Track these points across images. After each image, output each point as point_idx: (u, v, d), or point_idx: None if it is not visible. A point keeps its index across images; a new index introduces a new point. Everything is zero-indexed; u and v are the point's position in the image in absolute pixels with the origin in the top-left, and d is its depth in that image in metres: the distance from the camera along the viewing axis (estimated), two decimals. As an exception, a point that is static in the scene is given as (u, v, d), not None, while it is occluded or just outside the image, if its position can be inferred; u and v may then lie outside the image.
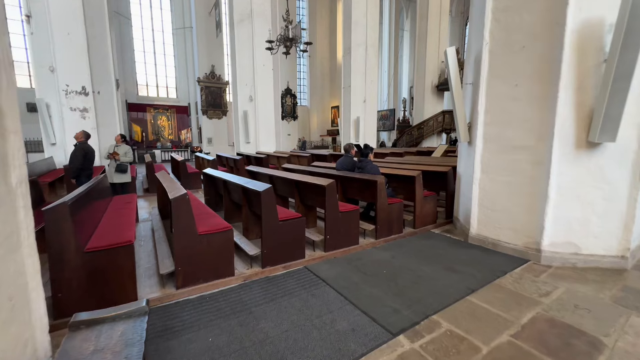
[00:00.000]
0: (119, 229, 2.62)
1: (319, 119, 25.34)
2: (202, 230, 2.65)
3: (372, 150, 4.36)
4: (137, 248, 3.70)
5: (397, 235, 4.09)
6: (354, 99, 14.34)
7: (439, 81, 18.25)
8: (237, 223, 4.59)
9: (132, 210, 3.66)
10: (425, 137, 18.33)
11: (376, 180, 3.80)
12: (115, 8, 16.86)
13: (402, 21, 25.66)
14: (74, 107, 8.75)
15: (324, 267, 3.20)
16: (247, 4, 11.26)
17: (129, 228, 2.66)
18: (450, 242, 3.98)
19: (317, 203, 3.85)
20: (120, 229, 2.64)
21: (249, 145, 11.77)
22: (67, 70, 8.57)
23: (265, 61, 11.73)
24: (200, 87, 17.70)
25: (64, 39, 8.48)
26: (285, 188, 4.61)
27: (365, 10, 14.07)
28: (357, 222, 3.68)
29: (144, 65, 19.09)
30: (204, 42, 17.52)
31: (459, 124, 4.05)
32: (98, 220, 2.97)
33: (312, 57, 24.12)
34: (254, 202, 3.49)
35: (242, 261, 3.20)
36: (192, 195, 4.49)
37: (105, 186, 4.20)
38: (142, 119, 18.71)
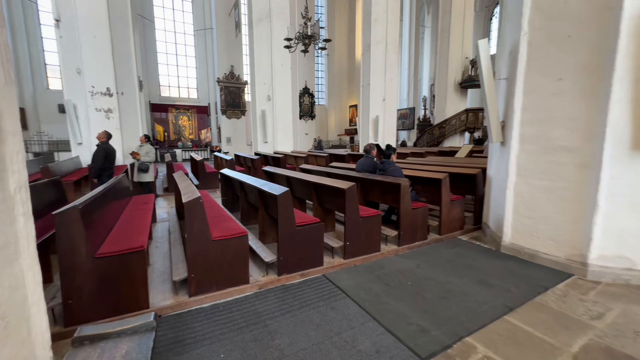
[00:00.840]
0: (132, 233, 2.54)
1: (336, 118, 25.11)
2: (216, 235, 2.53)
3: (394, 151, 4.11)
4: (153, 250, 3.65)
5: (421, 242, 3.82)
6: (373, 97, 14.00)
7: (462, 78, 17.54)
8: (253, 225, 4.48)
9: (149, 212, 3.61)
10: (447, 137, 17.68)
11: (399, 183, 3.55)
12: (140, 11, 17.38)
13: (422, 17, 24.96)
14: (99, 108, 9.00)
15: (343, 276, 3.01)
16: (266, 4, 11.21)
17: (142, 232, 2.57)
18: (481, 251, 3.67)
19: (336, 206, 3.65)
20: (133, 233, 2.56)
21: (267, 145, 11.74)
22: (93, 72, 8.82)
23: (284, 60, 11.65)
24: (220, 87, 17.92)
25: (90, 42, 8.74)
26: (303, 190, 4.44)
27: (385, 7, 13.71)
28: (378, 227, 3.46)
29: (166, 66, 19.58)
30: (224, 42, 17.73)
31: (491, 122, 3.73)
32: (113, 222, 2.92)
33: (330, 56, 23.92)
34: (271, 205, 3.34)
35: (258, 267, 3.06)
36: (208, 197, 4.43)
37: (124, 186, 4.20)
38: (164, 119, 19.19)
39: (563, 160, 3.07)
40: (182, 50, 20.00)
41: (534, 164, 3.30)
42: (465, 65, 17.53)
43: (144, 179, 5.95)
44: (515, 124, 3.42)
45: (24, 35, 15.73)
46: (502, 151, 3.77)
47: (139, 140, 6.02)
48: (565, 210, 3.08)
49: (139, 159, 5.72)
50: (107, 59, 9.00)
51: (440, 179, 3.93)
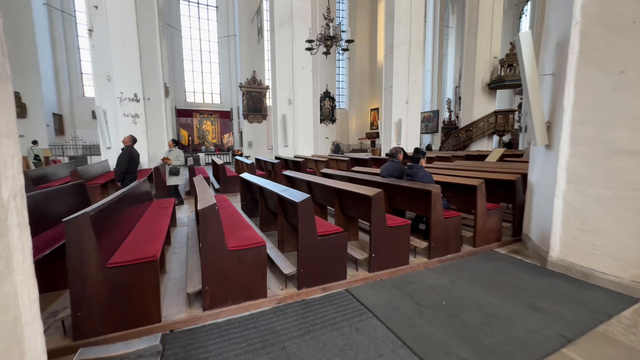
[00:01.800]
0: (146, 241, 2.42)
1: (357, 121, 24.80)
2: (232, 245, 2.36)
3: (423, 155, 3.80)
4: (171, 256, 3.56)
5: (454, 255, 3.48)
6: (395, 100, 13.63)
7: (491, 79, 16.71)
8: (272, 232, 4.31)
9: (167, 217, 3.53)
10: (475, 140, 16.88)
11: (430, 190, 3.25)
12: (168, 21, 18.04)
13: (447, 18, 24.24)
14: (126, 113, 9.29)
15: (368, 291, 2.74)
16: (288, 8, 11.22)
17: (157, 240, 2.45)
18: (523, 267, 3.27)
19: (361, 214, 3.40)
20: (147, 240, 2.44)
21: (287, 149, 11.66)
22: (121, 78, 9.14)
23: (305, 64, 11.58)
24: (242, 92, 18.20)
25: (120, 50, 9.06)
26: (324, 196, 4.23)
27: (409, 7, 13.36)
28: (407, 238, 3.16)
29: (192, 73, 20.18)
30: (246, 48, 18.01)
31: (535, 123, 3.34)
32: (130, 228, 2.83)
33: (351, 59, 23.73)
34: (290, 212, 3.15)
35: (276, 279, 2.87)
36: (227, 202, 4.32)
37: (144, 191, 4.18)
38: (189, 124, 19.74)
39: (626, 165, 2.65)
40: (206, 57, 20.57)
41: (588, 169, 2.89)
42: (494, 65, 16.71)
43: (175, 182, 6.18)
44: (565, 125, 3.03)
45: (63, 46, 16.75)
46: (548, 155, 3.37)
47: (167, 145, 6.31)
48: (629, 224, 2.65)
49: (170, 164, 5.95)
50: (135, 66, 9.30)
51: (475, 185, 3.58)
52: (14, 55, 13.63)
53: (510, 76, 15.59)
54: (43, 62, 14.70)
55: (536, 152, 3.72)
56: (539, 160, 3.64)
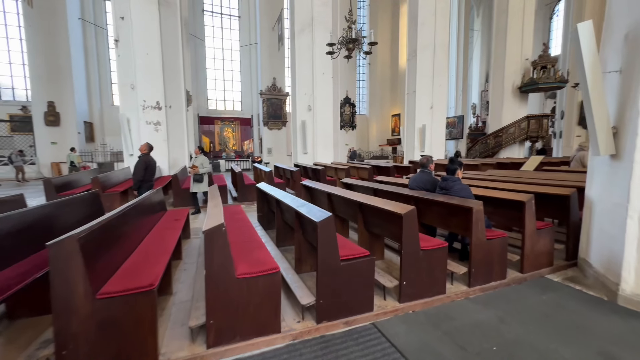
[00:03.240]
0: (147, 264, 2.15)
1: (378, 128, 24.29)
2: (242, 271, 2.04)
3: (460, 166, 3.35)
4: (180, 273, 3.31)
5: (498, 282, 2.99)
6: (419, 105, 13.09)
7: (523, 82, 15.74)
8: (289, 247, 3.99)
9: (177, 231, 3.30)
10: (504, 147, 15.89)
11: (471, 207, 2.80)
12: (192, 31, 18.54)
13: (471, 21, 23.44)
14: (149, 121, 9.40)
15: (400, 328, 2.33)
16: (308, 14, 11.09)
17: (159, 261, 2.18)
18: (587, 301, 2.72)
19: (388, 233, 3.00)
20: (149, 263, 2.17)
21: (306, 156, 11.40)
22: (144, 87, 9.28)
23: (325, 69, 11.36)
24: (262, 99, 18.28)
25: (144, 59, 9.22)
26: (346, 209, 3.86)
27: (434, 9, 12.88)
28: (444, 263, 2.72)
29: (214, 81, 20.58)
30: (267, 56, 18.14)
31: (598, 129, 2.82)
32: (133, 246, 2.59)
33: (372, 65, 23.39)
34: (309, 230, 2.81)
35: (292, 307, 2.51)
36: (241, 214, 4.04)
37: (156, 201, 3.99)
38: (211, 130, 20.07)
39: None
40: (228, 66, 20.94)
41: (675, 185, 2.35)
42: (525, 67, 15.75)
43: (201, 189, 6.17)
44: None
45: (95, 57, 17.59)
46: (615, 167, 2.83)
47: (194, 152, 6.31)
48: None
49: (197, 172, 6.00)
50: (158, 74, 9.43)
51: (523, 201, 3.08)
52: (50, 68, 14.42)
53: (544, 79, 14.62)
54: (76, 73, 15.44)
55: (597, 163, 3.17)
56: (601, 173, 3.09)
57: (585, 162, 6.56)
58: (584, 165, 6.52)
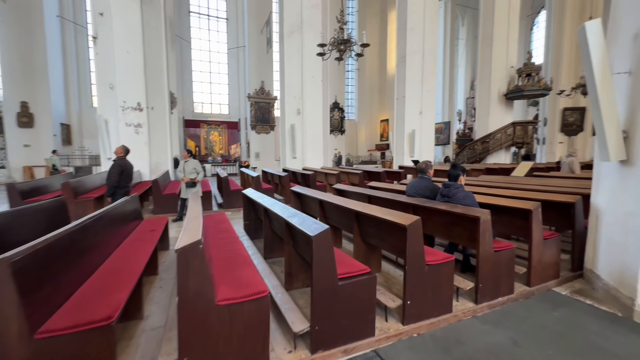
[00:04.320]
0: (108, 289, 1.80)
1: (367, 133, 24.29)
2: (224, 296, 1.71)
3: (463, 172, 3.14)
4: (155, 291, 2.93)
5: (506, 298, 2.76)
6: (408, 110, 13.06)
7: (508, 89, 16.03)
8: (278, 258, 3.68)
9: (151, 243, 2.93)
10: (491, 152, 16.07)
11: (478, 216, 2.57)
12: (178, 32, 18.06)
13: (457, 29, 23.99)
14: (129, 123, 8.90)
15: (405, 355, 2.05)
16: (298, 16, 10.89)
17: (123, 286, 1.83)
18: (601, 318, 2.53)
19: (388, 246, 2.73)
20: (110, 287, 1.82)
21: (295, 161, 11.10)
22: (124, 87, 8.79)
23: (314, 73, 11.16)
24: (250, 102, 17.92)
25: (124, 58, 8.75)
26: (340, 218, 3.58)
27: (422, 16, 12.95)
28: (450, 279, 2.47)
29: (200, 84, 20.08)
30: (255, 59, 17.84)
31: (608, 133, 2.66)
32: (94, 265, 2.22)
33: (361, 70, 23.44)
34: (301, 243, 2.51)
35: (283, 334, 2.20)
36: (225, 224, 3.69)
37: (129, 210, 3.60)
38: (197, 134, 19.51)
39: None
40: (215, 68, 20.49)
41: (696, 193, 2.19)
42: (510, 75, 16.06)
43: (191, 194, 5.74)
44: (657, 135, 2.35)
45: (74, 57, 16.82)
46: (626, 173, 2.68)
47: (182, 156, 5.92)
48: None
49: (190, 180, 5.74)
50: (139, 74, 8.96)
51: (529, 209, 2.88)
52: (25, 66, 13.63)
53: (528, 86, 14.92)
54: (53, 72, 14.68)
55: (604, 169, 3.01)
56: (609, 179, 2.93)
57: (574, 168, 6.56)
58: (573, 171, 6.52)
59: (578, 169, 6.51)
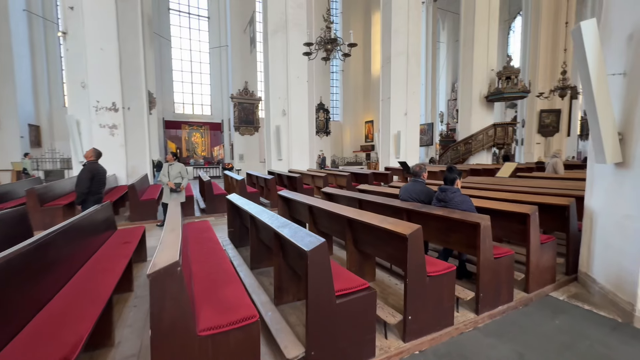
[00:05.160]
0: (64, 322, 1.52)
1: (352, 134, 24.31)
2: (206, 325, 1.49)
3: (459, 175, 3.03)
4: (129, 311, 2.64)
5: (506, 306, 2.66)
6: (394, 111, 13.11)
7: (489, 91, 16.42)
8: (265, 269, 3.45)
9: (124, 258, 2.63)
10: (474, 153, 16.38)
11: (478, 222, 2.45)
12: (157, 30, 17.39)
13: (437, 33, 24.51)
14: (103, 124, 8.38)
15: (409, 378, 1.88)
16: (282, 15, 10.66)
17: (85, 315, 1.56)
18: (601, 325, 2.46)
19: (385, 255, 2.57)
20: (68, 319, 1.54)
21: (281, 163, 10.85)
22: (98, 86, 8.27)
23: (300, 73, 10.96)
24: (234, 103, 17.49)
25: (97, 55, 8.23)
26: (331, 225, 3.40)
27: (406, 18, 13.05)
28: (452, 290, 2.34)
29: (181, 84, 19.42)
30: (238, 58, 17.44)
31: (604, 135, 2.61)
32: (53, 290, 1.92)
33: (345, 72, 23.44)
34: (292, 256, 2.30)
35: (273, 357, 1.98)
36: (208, 232, 3.43)
37: (100, 219, 3.27)
38: (178, 136, 18.84)
39: None
40: (197, 68, 19.88)
41: (696, 196, 2.16)
42: (491, 77, 16.45)
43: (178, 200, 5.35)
44: (655, 137, 2.31)
45: (43, 54, 15.86)
46: (623, 175, 2.64)
47: (168, 160, 5.54)
48: None
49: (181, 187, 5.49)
50: (114, 72, 8.46)
51: (527, 213, 2.80)
52: (-14, 63, 12.69)
53: (508, 88, 15.33)
54: (20, 70, 13.74)
55: (598, 172, 2.98)
56: (603, 182, 2.90)
57: (558, 169, 6.69)
58: (556, 172, 6.65)
59: (562, 170, 6.64)
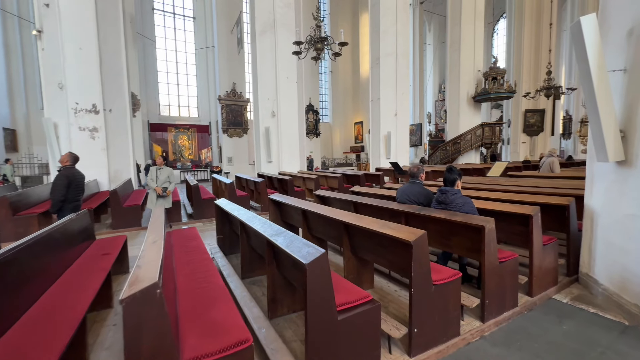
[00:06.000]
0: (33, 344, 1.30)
1: (341, 135, 24.26)
2: (192, 354, 1.29)
3: (460, 176, 2.91)
4: (108, 330, 2.40)
5: (511, 312, 2.55)
6: (384, 112, 13.08)
7: (476, 92, 16.64)
8: (257, 278, 3.26)
9: (102, 271, 2.40)
10: (463, 153, 16.55)
11: (482, 225, 2.33)
12: (141, 31, 16.91)
13: (424, 35, 24.84)
14: (83, 127, 7.98)
15: (418, 398, 1.73)
16: (270, 14, 10.47)
17: (53, 344, 1.34)
18: (609, 329, 2.38)
19: (386, 262, 2.42)
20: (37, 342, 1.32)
21: (271, 165, 10.62)
22: (77, 87, 7.88)
23: (289, 74, 10.78)
24: (221, 105, 17.14)
25: (75, 54, 7.84)
26: (326, 230, 3.23)
27: (394, 19, 13.06)
28: (458, 298, 2.20)
29: (167, 85, 18.92)
30: (225, 60, 17.12)
31: (606, 133, 2.55)
32: (17, 313, 1.68)
33: (334, 73, 23.40)
34: (287, 266, 2.13)
35: (269, 380, 1.80)
36: (195, 241, 3.20)
37: (76, 229, 3.00)
38: (164, 139, 18.32)
39: None
40: (183, 69, 19.42)
41: None
42: (478, 78, 16.68)
43: (164, 205, 5.17)
44: (660, 134, 2.24)
45: (19, 55, 15.18)
46: (624, 174, 2.58)
47: (157, 163, 5.26)
48: None
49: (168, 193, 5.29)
50: (94, 72, 8.08)
51: (530, 214, 2.71)
52: (-45, 64, 11.99)
53: (495, 89, 15.57)
54: (-7, 71, 13.07)
55: (599, 170, 2.93)
56: (604, 181, 2.84)
57: (554, 168, 6.73)
58: (552, 171, 6.69)
59: (558, 169, 6.68)
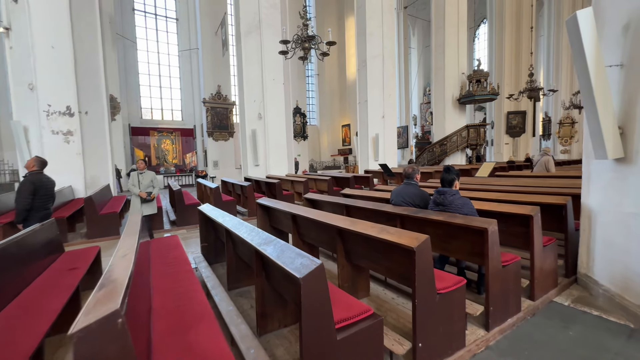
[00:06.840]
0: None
1: (329, 138, 24.18)
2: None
3: (458, 176, 2.79)
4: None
5: (515, 318, 2.43)
6: (371, 114, 13.07)
7: (461, 94, 16.92)
8: (244, 289, 3.03)
9: (68, 288, 2.12)
10: (449, 154, 16.75)
11: (485, 228, 2.20)
12: (121, 31, 16.33)
13: (409, 39, 25.24)
14: (56, 130, 7.51)
15: (427, 422, 1.56)
16: (255, 15, 10.26)
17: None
18: (615, 333, 2.29)
19: (385, 270, 2.25)
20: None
21: (258, 168, 10.36)
22: (49, 88, 7.42)
23: (276, 75, 10.58)
24: (206, 108, 16.72)
25: (47, 53, 7.39)
26: (318, 235, 3.04)
27: (380, 21, 13.12)
28: (462, 306, 2.05)
29: (149, 88, 18.33)
30: (210, 62, 16.74)
31: (604, 130, 2.48)
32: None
33: (320, 76, 23.35)
34: (277, 278, 1.92)
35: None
36: (176, 250, 2.93)
37: (43, 240, 2.70)
38: (146, 143, 17.69)
39: None
40: (165, 72, 18.88)
41: None
42: (462, 80, 16.98)
43: (148, 212, 4.87)
44: (662, 129, 2.18)
45: (-13, 56, 14.29)
46: (623, 172, 2.52)
47: (138, 167, 4.90)
48: None
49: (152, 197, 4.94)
50: (68, 73, 7.63)
51: (530, 215, 2.61)
52: None
53: (479, 91, 15.88)
54: (-43, 72, 12.24)
55: (595, 168, 2.87)
56: (602, 179, 2.78)
57: (549, 167, 6.76)
58: (548, 170, 6.72)
59: (553, 168, 6.70)
